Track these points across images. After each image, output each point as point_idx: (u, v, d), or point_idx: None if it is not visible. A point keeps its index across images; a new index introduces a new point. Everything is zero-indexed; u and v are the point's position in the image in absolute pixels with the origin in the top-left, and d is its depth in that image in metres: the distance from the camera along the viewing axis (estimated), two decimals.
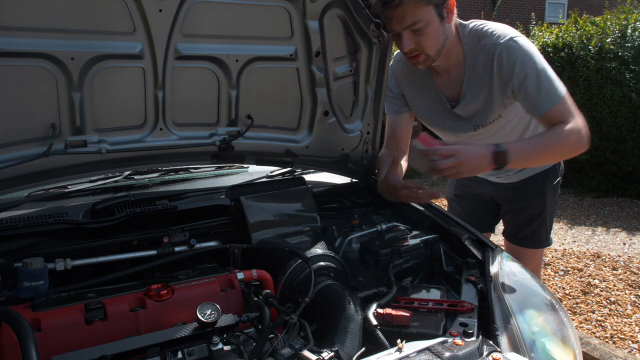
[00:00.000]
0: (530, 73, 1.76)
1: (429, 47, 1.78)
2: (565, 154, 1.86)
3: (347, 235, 1.88)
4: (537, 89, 1.76)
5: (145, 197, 1.84)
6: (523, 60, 1.76)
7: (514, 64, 1.77)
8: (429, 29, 1.74)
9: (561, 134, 1.74)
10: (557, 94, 1.77)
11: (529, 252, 2.34)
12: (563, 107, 1.77)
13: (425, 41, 1.76)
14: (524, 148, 1.78)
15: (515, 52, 1.77)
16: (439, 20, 1.75)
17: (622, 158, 5.97)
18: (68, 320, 1.28)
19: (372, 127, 2.13)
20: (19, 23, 1.42)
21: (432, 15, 1.73)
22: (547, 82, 1.76)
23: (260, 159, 2.02)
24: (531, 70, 1.76)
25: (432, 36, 1.76)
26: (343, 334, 1.28)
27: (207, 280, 1.48)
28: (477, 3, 14.06)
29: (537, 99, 1.77)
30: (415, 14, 1.70)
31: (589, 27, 6.08)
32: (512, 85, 1.80)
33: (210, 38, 1.71)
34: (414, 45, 1.76)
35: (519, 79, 1.77)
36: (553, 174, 2.26)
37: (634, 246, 4.66)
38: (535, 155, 1.82)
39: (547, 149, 1.79)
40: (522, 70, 1.76)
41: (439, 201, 6.34)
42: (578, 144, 1.78)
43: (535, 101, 1.78)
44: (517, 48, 1.77)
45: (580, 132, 1.77)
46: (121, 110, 1.70)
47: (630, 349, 3.05)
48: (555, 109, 1.76)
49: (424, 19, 1.71)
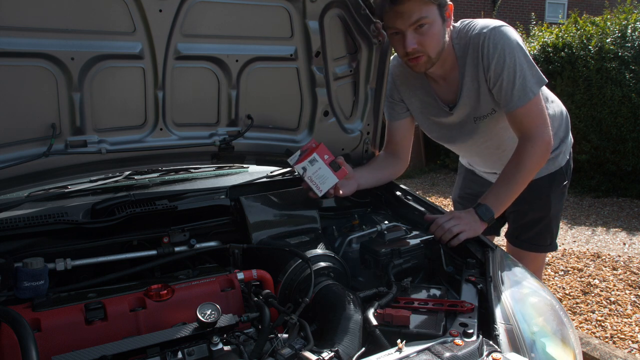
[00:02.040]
0: (508, 66, 1.77)
1: (431, 48, 1.78)
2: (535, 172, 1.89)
3: (347, 235, 1.88)
4: (512, 84, 1.78)
5: (145, 197, 1.84)
6: (503, 51, 1.77)
7: (494, 53, 1.78)
8: (433, 28, 1.74)
9: (529, 160, 1.82)
10: (530, 91, 1.79)
11: (530, 255, 2.30)
12: (532, 109, 1.81)
13: (429, 41, 1.76)
14: (500, 195, 1.84)
15: (497, 42, 1.78)
16: (441, 21, 1.76)
17: (622, 158, 5.96)
18: (68, 320, 1.28)
19: (372, 127, 2.13)
20: (19, 23, 1.42)
21: (436, 14, 1.74)
22: (523, 78, 1.78)
23: (260, 159, 2.02)
24: (509, 63, 1.77)
25: (435, 36, 1.76)
26: (343, 334, 1.28)
27: (207, 281, 1.48)
28: (477, 3, 14.06)
29: (510, 94, 1.80)
30: (422, 10, 1.70)
31: (589, 27, 6.07)
32: (489, 75, 1.82)
33: (210, 38, 1.71)
34: (417, 45, 1.76)
35: (496, 71, 1.79)
36: (560, 177, 2.22)
37: (634, 246, 4.66)
38: (513, 193, 1.86)
39: (520, 182, 1.84)
40: (500, 62, 1.78)
41: (438, 201, 6.34)
42: (542, 158, 1.86)
43: (508, 96, 1.80)
44: (500, 37, 1.78)
45: (544, 146, 1.83)
46: (121, 110, 1.70)
47: (630, 349, 3.05)
48: (525, 108, 1.80)
49: (429, 16, 1.72)
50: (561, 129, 2.20)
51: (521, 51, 1.79)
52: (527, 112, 1.81)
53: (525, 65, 1.79)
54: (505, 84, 1.79)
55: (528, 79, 1.79)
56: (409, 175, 7.68)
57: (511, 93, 1.79)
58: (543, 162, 1.88)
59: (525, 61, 1.79)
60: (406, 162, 2.20)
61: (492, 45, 1.78)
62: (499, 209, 1.83)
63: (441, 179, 7.61)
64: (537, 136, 1.82)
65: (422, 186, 7.29)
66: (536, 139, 1.82)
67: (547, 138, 1.83)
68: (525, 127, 1.83)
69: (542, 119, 1.83)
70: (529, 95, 1.79)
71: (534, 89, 1.80)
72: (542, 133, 1.82)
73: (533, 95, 1.79)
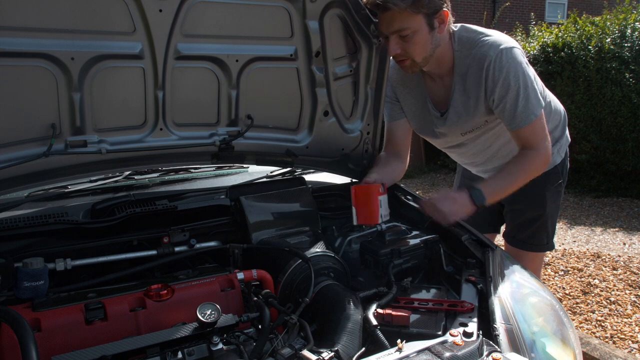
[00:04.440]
0: (512, 90, 1.79)
1: (415, 54, 1.80)
2: (531, 177, 1.95)
3: (347, 235, 1.88)
4: (515, 107, 1.81)
5: (146, 197, 1.84)
6: (508, 76, 1.79)
7: (499, 78, 1.80)
8: (416, 37, 1.75)
9: (529, 164, 1.90)
10: (532, 113, 1.82)
11: (528, 255, 2.32)
12: (534, 129, 1.86)
13: (412, 48, 1.78)
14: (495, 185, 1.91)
15: (503, 66, 1.79)
16: (428, 29, 1.76)
17: (622, 158, 5.96)
18: (68, 320, 1.28)
19: (372, 127, 2.13)
20: (19, 23, 1.42)
21: (421, 24, 1.74)
22: (526, 101, 1.81)
23: (260, 159, 2.02)
24: (513, 87, 1.79)
25: (419, 44, 1.77)
26: (343, 334, 1.28)
27: (207, 281, 1.48)
28: (477, 3, 14.06)
29: (512, 115, 1.83)
30: (403, 20, 1.71)
31: (589, 28, 6.08)
32: (493, 98, 1.85)
33: (210, 38, 1.71)
34: (400, 50, 1.78)
35: (500, 94, 1.82)
36: (555, 177, 2.25)
37: (634, 246, 4.66)
38: (508, 189, 1.92)
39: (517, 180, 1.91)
40: (504, 86, 1.80)
41: None
42: (540, 168, 1.94)
43: (511, 117, 1.84)
44: (505, 62, 1.79)
45: (544, 158, 1.91)
46: (121, 110, 1.70)
47: (630, 349, 3.05)
48: (527, 128, 1.85)
49: (411, 27, 1.73)
50: (557, 129, 2.22)
51: (526, 74, 1.81)
52: (530, 131, 1.86)
53: (529, 89, 1.81)
54: (509, 107, 1.82)
55: (531, 102, 1.81)
56: (409, 175, 7.68)
57: (514, 115, 1.83)
58: (540, 171, 1.95)
59: (529, 84, 1.81)
60: (406, 163, 2.21)
61: (497, 69, 1.79)
62: (491, 198, 1.87)
63: (441, 179, 7.61)
64: (539, 148, 1.89)
65: (422, 186, 7.29)
66: (539, 150, 1.89)
67: (548, 152, 1.91)
68: (528, 142, 1.89)
69: (543, 135, 1.89)
70: (530, 117, 1.83)
71: (536, 112, 1.83)
72: (543, 147, 1.89)
73: (535, 117, 1.83)
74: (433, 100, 2.04)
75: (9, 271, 1.36)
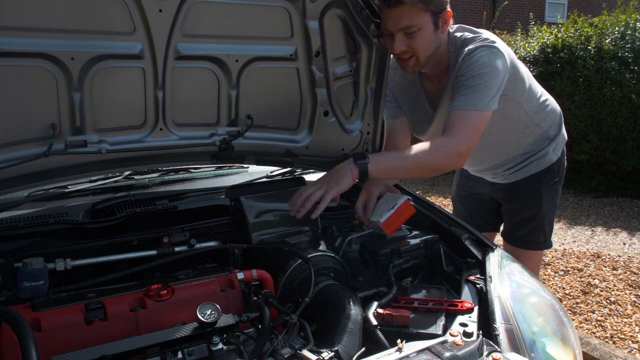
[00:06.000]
0: (471, 75, 1.77)
1: (420, 52, 1.80)
2: (426, 164, 1.78)
3: (347, 235, 1.88)
4: (465, 88, 1.77)
5: (146, 197, 1.84)
6: (475, 64, 1.77)
7: (468, 63, 1.79)
8: (422, 34, 1.76)
9: (430, 148, 1.73)
10: (475, 104, 1.75)
11: (526, 253, 2.33)
12: (467, 119, 1.76)
13: (417, 45, 1.78)
14: (385, 159, 1.81)
15: (475, 56, 1.79)
16: (433, 28, 1.79)
17: (622, 158, 5.96)
18: (68, 320, 1.28)
19: (372, 127, 2.13)
20: (19, 23, 1.42)
21: (428, 22, 1.76)
22: (477, 91, 1.76)
23: (260, 159, 2.02)
24: (474, 74, 1.77)
25: (424, 42, 1.79)
26: (343, 334, 1.28)
27: (207, 281, 1.48)
28: (477, 3, 14.06)
29: (458, 95, 1.79)
30: (412, 17, 1.73)
31: (588, 29, 6.08)
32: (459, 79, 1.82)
33: (210, 38, 1.71)
34: (405, 47, 1.79)
35: (461, 73, 1.81)
36: (550, 175, 2.25)
37: (634, 246, 4.66)
38: (396, 168, 1.79)
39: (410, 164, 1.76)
40: (469, 70, 1.78)
41: (438, 201, 6.33)
42: (440, 159, 1.76)
43: (457, 96, 1.79)
44: (479, 54, 1.78)
45: (451, 150, 1.74)
46: (121, 110, 1.70)
47: (630, 349, 3.05)
48: (461, 113, 1.76)
49: (419, 23, 1.74)
50: (553, 127, 2.22)
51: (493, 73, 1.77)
52: (461, 118, 1.76)
53: (487, 85, 1.76)
54: (461, 87, 1.79)
55: (481, 95, 1.76)
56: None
57: (459, 95, 1.78)
58: (439, 163, 1.80)
59: (488, 82, 1.76)
60: None
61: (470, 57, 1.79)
62: (376, 168, 1.72)
63: (441, 179, 7.61)
64: (455, 139, 1.75)
65: (422, 186, 7.29)
66: (455, 140, 1.75)
67: (459, 149, 1.75)
68: (450, 128, 1.77)
69: (469, 133, 1.77)
70: (470, 106, 1.75)
71: (480, 106, 1.75)
72: (460, 142, 1.75)
73: (475, 108, 1.75)
74: (430, 100, 2.06)
75: (9, 271, 1.36)
